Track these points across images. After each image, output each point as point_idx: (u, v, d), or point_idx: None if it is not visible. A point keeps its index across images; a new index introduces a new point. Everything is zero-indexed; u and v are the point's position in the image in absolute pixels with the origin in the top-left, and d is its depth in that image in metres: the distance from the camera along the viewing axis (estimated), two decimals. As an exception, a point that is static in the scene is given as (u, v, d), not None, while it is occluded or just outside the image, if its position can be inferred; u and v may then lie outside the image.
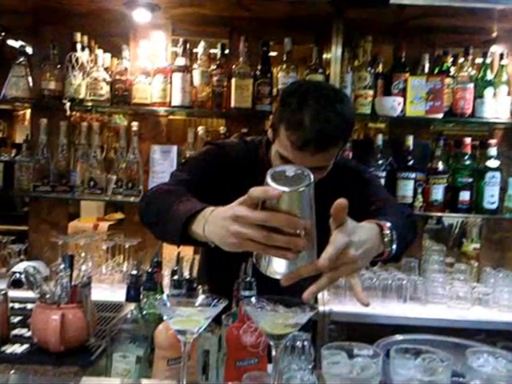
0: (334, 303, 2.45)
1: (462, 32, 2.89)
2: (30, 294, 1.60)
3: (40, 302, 1.38)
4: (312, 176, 0.94)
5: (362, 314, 2.36)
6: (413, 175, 2.65)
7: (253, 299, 1.14)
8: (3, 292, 1.41)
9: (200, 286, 1.42)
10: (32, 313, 1.38)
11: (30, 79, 2.75)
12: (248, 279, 1.33)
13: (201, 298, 1.16)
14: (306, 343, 1.30)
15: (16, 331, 1.45)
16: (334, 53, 2.60)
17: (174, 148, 2.69)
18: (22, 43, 2.88)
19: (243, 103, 2.64)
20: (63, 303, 1.37)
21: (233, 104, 2.66)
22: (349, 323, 2.34)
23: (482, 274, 2.80)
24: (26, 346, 1.36)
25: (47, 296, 1.39)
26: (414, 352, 1.06)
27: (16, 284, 1.73)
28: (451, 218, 3.65)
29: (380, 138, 2.66)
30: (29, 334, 1.40)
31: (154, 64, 2.74)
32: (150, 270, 1.50)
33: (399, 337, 1.33)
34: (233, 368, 1.24)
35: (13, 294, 1.54)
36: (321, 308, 2.37)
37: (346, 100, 1.42)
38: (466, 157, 2.68)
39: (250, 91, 2.65)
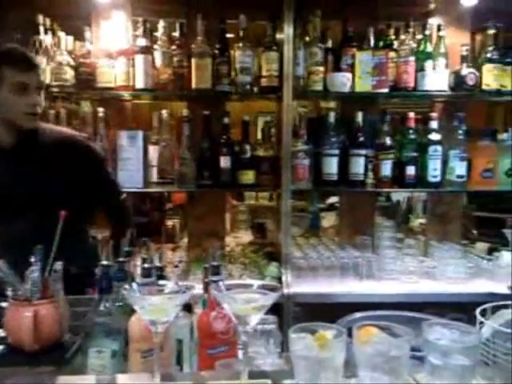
0: (296, 285, 2.35)
1: (403, 4, 2.76)
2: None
3: (12, 299, 1.25)
4: None
5: (322, 294, 2.28)
6: (363, 152, 2.49)
7: (220, 284, 1.05)
8: (-24, 292, 1.26)
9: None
10: (4, 312, 1.24)
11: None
12: (215, 264, 1.24)
13: (169, 285, 1.07)
14: (273, 326, 1.22)
15: (-11, 332, 1.30)
16: (287, 29, 2.41)
17: (140, 133, 2.45)
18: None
19: (203, 84, 2.43)
20: (35, 299, 1.24)
21: (193, 85, 2.45)
22: (311, 304, 2.24)
23: (428, 248, 2.69)
24: (0, 346, 1.23)
25: (19, 292, 1.25)
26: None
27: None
28: (399, 194, 3.55)
29: (332, 116, 2.50)
30: (3, 334, 1.26)
31: (116, 46, 2.49)
32: (120, 260, 1.38)
33: (358, 314, 1.26)
34: (205, 356, 1.15)
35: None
36: (285, 290, 2.27)
37: None
38: (411, 131, 2.54)
39: (209, 71, 2.44)
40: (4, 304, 1.29)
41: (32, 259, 1.28)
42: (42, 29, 2.48)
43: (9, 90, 1.70)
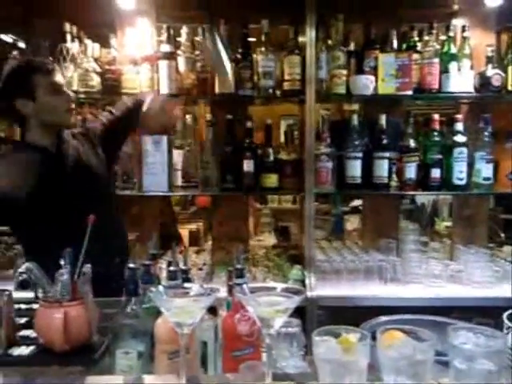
0: (320, 288, 2.34)
1: (426, 6, 2.72)
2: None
3: (43, 301, 1.28)
4: None
5: (346, 297, 2.27)
6: (387, 154, 2.45)
7: (244, 286, 1.06)
8: (7, 293, 1.30)
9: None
10: (35, 313, 1.28)
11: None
12: (239, 267, 1.25)
13: (195, 288, 1.08)
14: (297, 329, 1.23)
15: (22, 333, 1.33)
16: (309, 33, 2.41)
17: (164, 138, 2.47)
18: (13, 37, 2.67)
19: (226, 88, 2.44)
20: (65, 301, 1.27)
21: (217, 90, 2.47)
22: (335, 307, 2.21)
23: (454, 252, 2.64)
24: (32, 347, 1.26)
25: (49, 294, 1.29)
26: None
27: (24, 285, 1.62)
28: (423, 197, 3.48)
29: (355, 118, 2.48)
30: (35, 335, 1.29)
31: (140, 52, 2.54)
32: (146, 263, 1.40)
33: (383, 318, 1.26)
34: (229, 359, 1.17)
35: (21, 295, 1.43)
36: (308, 294, 2.26)
37: None
38: (435, 133, 2.50)
39: (232, 76, 2.46)
40: (35, 305, 1.33)
41: (61, 262, 1.31)
42: (68, 37, 2.54)
43: (46, 94, 1.80)
